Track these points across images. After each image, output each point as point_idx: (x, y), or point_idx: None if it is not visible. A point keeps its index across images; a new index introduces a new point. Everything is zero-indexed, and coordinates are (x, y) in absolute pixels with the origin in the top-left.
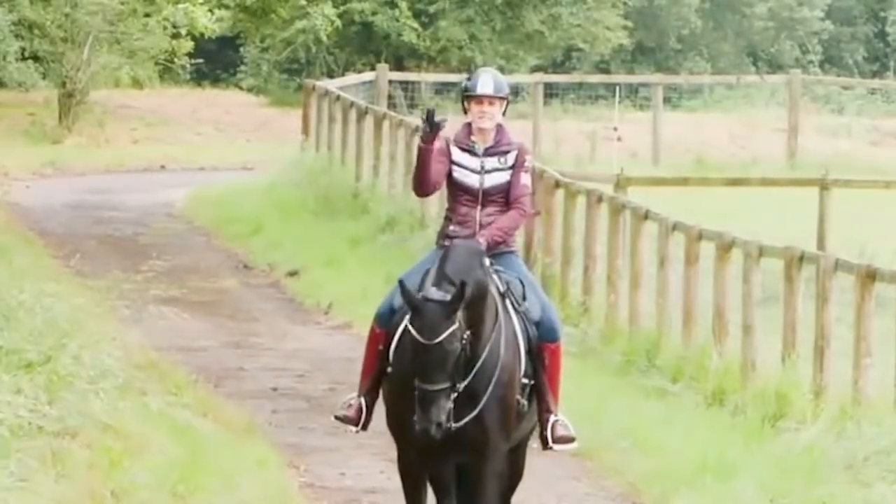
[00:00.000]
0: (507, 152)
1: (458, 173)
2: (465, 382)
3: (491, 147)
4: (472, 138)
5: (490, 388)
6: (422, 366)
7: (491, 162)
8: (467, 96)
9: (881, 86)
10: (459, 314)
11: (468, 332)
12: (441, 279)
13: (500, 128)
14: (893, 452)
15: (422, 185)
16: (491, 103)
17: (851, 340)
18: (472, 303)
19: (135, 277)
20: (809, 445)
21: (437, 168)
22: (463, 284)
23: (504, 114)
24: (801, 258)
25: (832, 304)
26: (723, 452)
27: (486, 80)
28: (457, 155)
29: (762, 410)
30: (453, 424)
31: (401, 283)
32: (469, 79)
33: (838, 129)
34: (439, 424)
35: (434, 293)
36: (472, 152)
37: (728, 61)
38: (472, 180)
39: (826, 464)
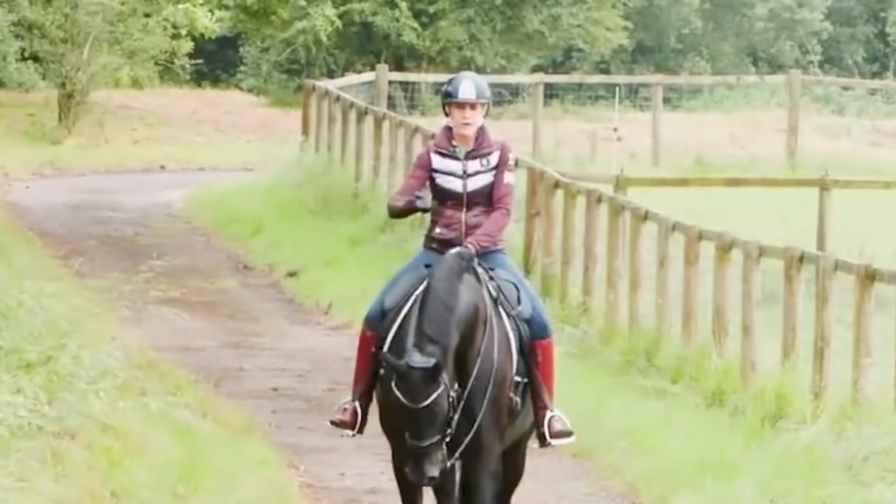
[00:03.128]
0: (490, 153)
1: (441, 179)
2: (465, 390)
3: (473, 150)
4: (454, 143)
5: (487, 394)
6: (411, 425)
7: (473, 165)
8: (449, 102)
9: (881, 86)
10: (444, 376)
11: (457, 387)
12: (422, 339)
13: (481, 130)
14: (893, 453)
15: (399, 217)
16: (473, 108)
17: (851, 341)
18: (465, 335)
19: (134, 278)
20: (809, 446)
21: (412, 185)
22: (442, 343)
23: (486, 115)
24: (801, 258)
25: (832, 304)
26: (722, 453)
27: (468, 86)
28: (439, 162)
29: (762, 411)
30: (449, 462)
31: (383, 355)
32: (450, 83)
33: (838, 129)
34: (433, 477)
35: (416, 360)
36: (453, 157)
37: (728, 62)
38: (455, 185)
39: (826, 464)
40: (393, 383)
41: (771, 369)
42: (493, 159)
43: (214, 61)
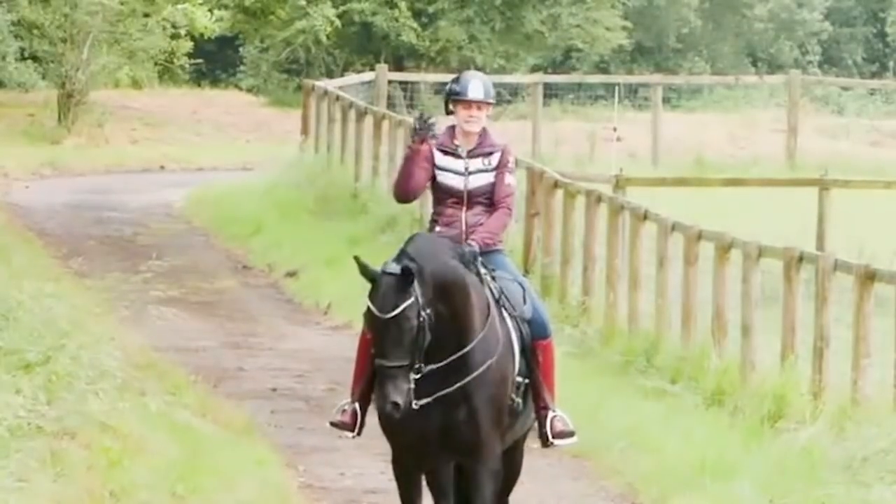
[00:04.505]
0: (491, 153)
1: (443, 176)
2: (448, 364)
3: (474, 149)
4: (456, 141)
5: (475, 377)
6: (379, 340)
7: (475, 163)
8: (455, 100)
9: (880, 86)
10: (417, 289)
11: (429, 310)
12: (401, 256)
13: (483, 130)
14: (892, 453)
15: (404, 190)
16: (479, 108)
17: (850, 341)
18: (444, 287)
19: (134, 278)
20: (808, 446)
21: (419, 174)
22: (419, 263)
23: (488, 116)
24: (801, 258)
25: (831, 304)
26: (722, 453)
27: (476, 86)
28: (440, 158)
29: (761, 411)
30: (417, 402)
31: (356, 258)
32: (456, 81)
33: (838, 129)
34: (395, 404)
35: (391, 266)
36: (455, 155)
37: (727, 62)
38: (456, 182)
39: (825, 464)
40: (367, 294)
41: (770, 369)
42: (495, 160)
43: (214, 61)
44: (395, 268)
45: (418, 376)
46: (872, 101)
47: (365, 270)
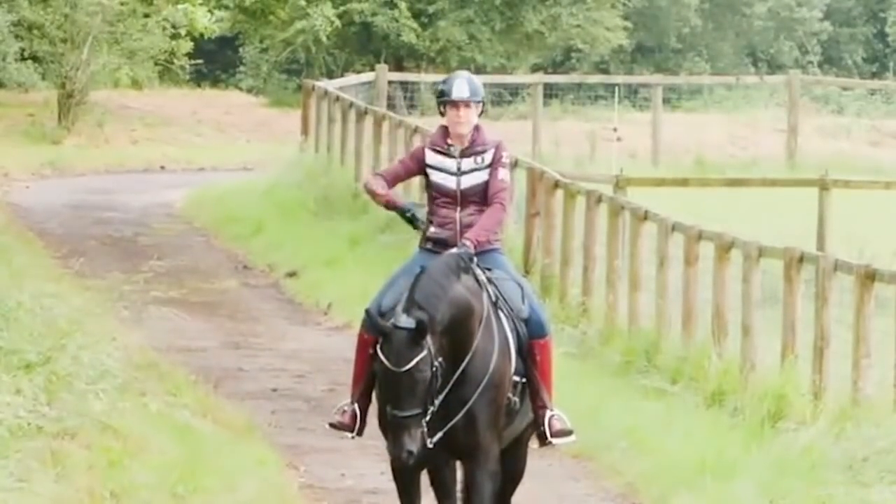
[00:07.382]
0: (484, 151)
1: (436, 176)
2: (450, 387)
3: (467, 148)
4: (449, 141)
5: (478, 392)
6: (392, 392)
7: (468, 163)
8: (443, 101)
9: (881, 86)
10: (429, 341)
11: (440, 359)
12: (411, 305)
13: (476, 128)
14: (893, 453)
15: (373, 200)
16: (467, 107)
17: (851, 341)
18: (455, 322)
19: (134, 278)
20: (809, 446)
21: (397, 169)
22: (429, 312)
23: (481, 114)
24: (801, 259)
25: (832, 304)
26: (722, 453)
27: (462, 85)
28: (432, 158)
29: (761, 411)
30: (430, 440)
31: (366, 311)
32: (444, 82)
33: (838, 129)
34: (410, 452)
35: (403, 320)
36: (448, 154)
37: (727, 62)
38: (449, 182)
39: (825, 464)
40: (378, 347)
41: (770, 369)
42: (488, 157)
43: (214, 61)
44: (407, 322)
45: (429, 417)
46: (872, 102)
47: (375, 325)
